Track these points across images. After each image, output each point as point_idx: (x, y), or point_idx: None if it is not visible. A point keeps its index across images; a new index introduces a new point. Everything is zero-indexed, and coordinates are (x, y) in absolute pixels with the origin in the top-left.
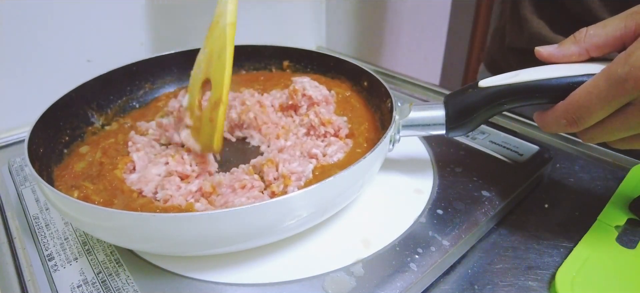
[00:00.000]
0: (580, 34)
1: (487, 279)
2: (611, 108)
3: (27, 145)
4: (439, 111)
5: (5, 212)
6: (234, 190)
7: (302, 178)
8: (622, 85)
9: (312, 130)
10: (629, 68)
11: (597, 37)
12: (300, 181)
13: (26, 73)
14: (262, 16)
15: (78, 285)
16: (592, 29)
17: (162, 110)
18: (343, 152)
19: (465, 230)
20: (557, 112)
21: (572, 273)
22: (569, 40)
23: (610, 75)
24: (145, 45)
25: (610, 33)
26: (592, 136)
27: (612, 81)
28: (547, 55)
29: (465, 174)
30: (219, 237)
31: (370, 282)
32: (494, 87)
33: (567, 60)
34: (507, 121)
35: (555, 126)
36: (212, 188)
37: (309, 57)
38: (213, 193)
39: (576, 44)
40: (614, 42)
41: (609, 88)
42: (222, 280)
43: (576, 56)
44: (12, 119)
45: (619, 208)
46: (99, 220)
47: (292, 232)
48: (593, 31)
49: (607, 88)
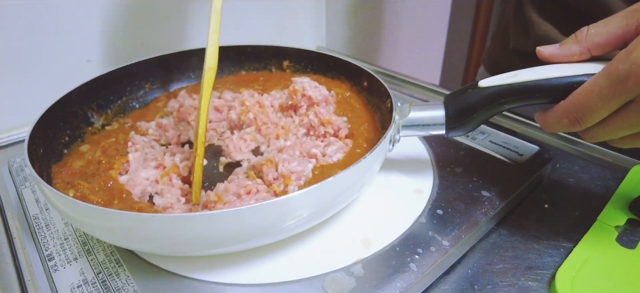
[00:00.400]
0: (581, 33)
1: (487, 279)
2: (613, 106)
3: (27, 145)
4: (439, 111)
5: (5, 212)
6: (239, 197)
7: (302, 178)
8: (624, 83)
9: (312, 130)
10: (629, 65)
11: (598, 36)
12: (300, 180)
13: (26, 73)
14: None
15: (78, 285)
16: (593, 27)
17: (162, 110)
18: (343, 152)
19: (465, 230)
20: (559, 112)
21: (572, 273)
22: (570, 39)
23: (611, 73)
24: (145, 45)
25: (611, 31)
26: (594, 135)
27: (613, 79)
28: (549, 55)
29: (465, 174)
30: (219, 237)
31: (370, 282)
32: (494, 87)
33: (569, 59)
34: (507, 121)
35: (557, 126)
36: (217, 197)
37: (309, 57)
38: (218, 202)
39: (578, 43)
40: (615, 40)
41: (610, 86)
42: (222, 280)
43: (578, 55)
44: (12, 119)
45: (619, 208)
46: (99, 220)
47: (292, 232)
48: (594, 30)
49: (608, 86)
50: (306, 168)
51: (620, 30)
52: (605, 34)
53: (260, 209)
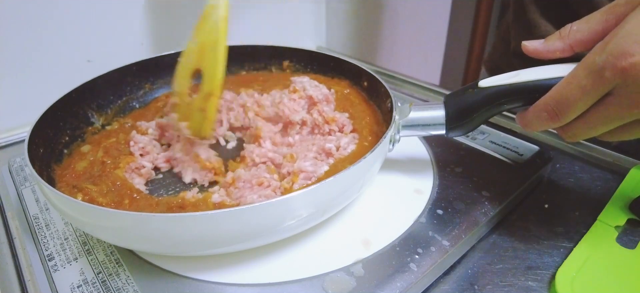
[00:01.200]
0: (565, 30)
1: (487, 279)
2: (591, 99)
3: (27, 145)
4: (439, 111)
5: (5, 212)
6: (251, 186)
7: (312, 178)
8: (601, 74)
9: (317, 128)
10: (606, 56)
11: (580, 33)
12: (309, 180)
13: (26, 73)
14: (262, 16)
15: (78, 285)
16: (576, 24)
17: (161, 110)
18: (354, 143)
19: (465, 230)
20: (538, 107)
21: (572, 273)
22: (555, 36)
23: (588, 64)
24: (145, 45)
25: (592, 28)
26: (575, 132)
27: (590, 70)
28: (533, 50)
29: (465, 174)
30: (219, 237)
31: (370, 282)
32: (494, 87)
33: (552, 56)
34: (507, 121)
35: (537, 122)
36: (232, 180)
37: (309, 58)
38: (232, 185)
39: (561, 40)
40: (596, 36)
41: (588, 77)
42: (222, 280)
43: (560, 52)
44: (12, 119)
45: (619, 208)
46: (99, 220)
47: (293, 232)
48: (577, 27)
49: (585, 77)
50: (319, 169)
51: (600, 26)
52: (587, 30)
53: (260, 209)
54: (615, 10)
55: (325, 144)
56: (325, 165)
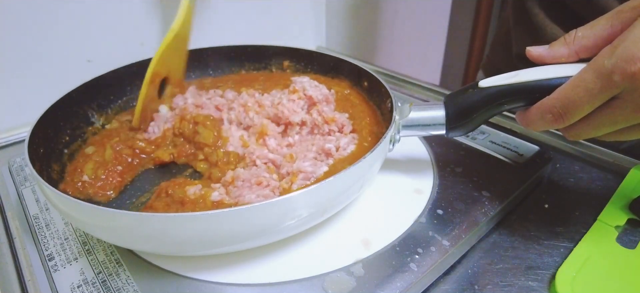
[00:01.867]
0: (570, 35)
1: (487, 279)
2: (598, 101)
3: (27, 145)
4: (439, 111)
5: (5, 212)
6: (250, 186)
7: (311, 178)
8: (609, 78)
9: (316, 128)
10: (615, 60)
11: (585, 39)
12: (308, 180)
13: (26, 73)
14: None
15: (78, 285)
16: (581, 30)
17: None
18: (354, 144)
19: (465, 230)
20: (543, 108)
21: (572, 273)
22: (560, 41)
23: (596, 68)
24: (145, 45)
25: (598, 34)
26: (578, 132)
27: (599, 74)
28: (537, 56)
29: (465, 174)
30: (219, 237)
31: (370, 282)
32: (494, 87)
33: (557, 61)
34: (507, 121)
35: (540, 122)
36: (232, 179)
37: (309, 57)
38: (231, 183)
39: (566, 46)
40: (602, 42)
41: (596, 81)
42: (222, 280)
43: (565, 58)
44: (12, 119)
45: (619, 208)
46: (99, 220)
47: (293, 232)
48: (582, 33)
49: (594, 81)
50: (318, 170)
51: (606, 32)
52: (592, 36)
53: (260, 209)
54: (621, 16)
55: (325, 144)
56: (325, 165)
